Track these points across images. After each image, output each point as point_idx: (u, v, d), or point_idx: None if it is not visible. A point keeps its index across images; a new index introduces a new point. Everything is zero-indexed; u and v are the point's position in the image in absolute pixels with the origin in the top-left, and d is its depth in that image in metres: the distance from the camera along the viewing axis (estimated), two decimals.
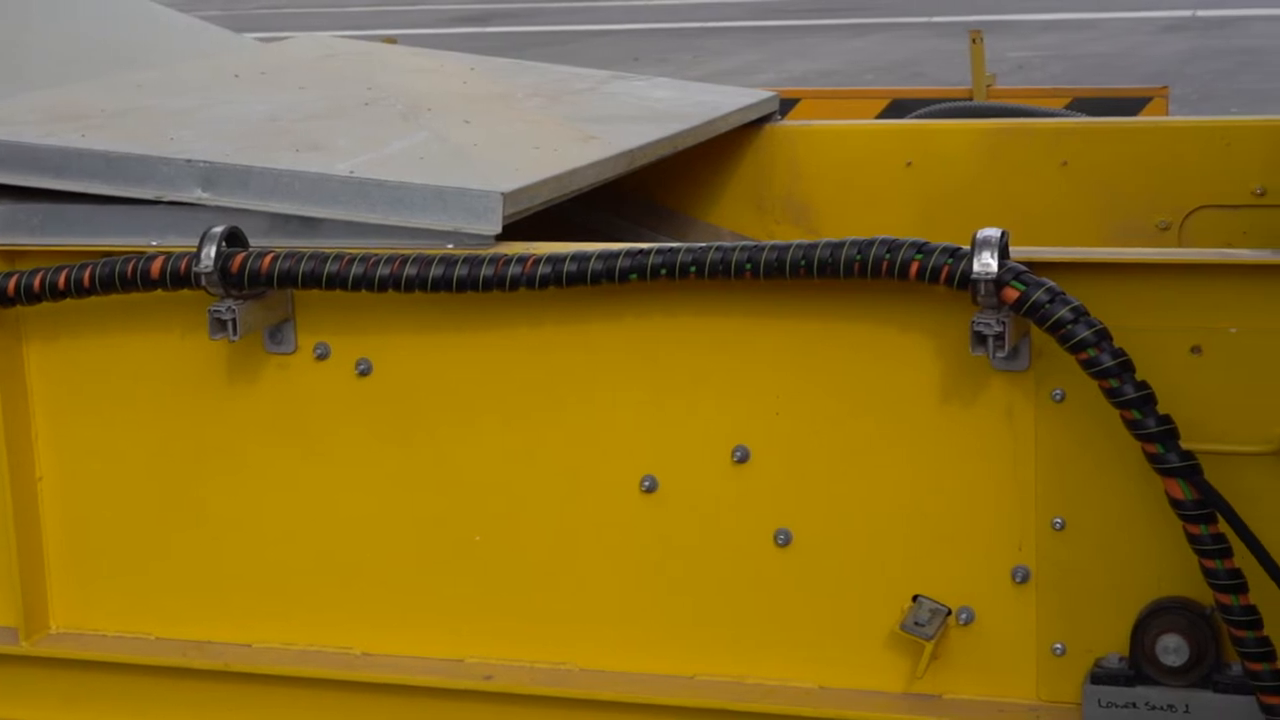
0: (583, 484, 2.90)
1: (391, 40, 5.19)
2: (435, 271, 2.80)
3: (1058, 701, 2.76)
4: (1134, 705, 2.68)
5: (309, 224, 2.96)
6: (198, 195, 3.01)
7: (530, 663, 2.98)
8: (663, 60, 16.14)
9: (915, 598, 2.77)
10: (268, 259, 2.85)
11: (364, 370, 2.96)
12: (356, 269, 2.83)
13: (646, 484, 2.87)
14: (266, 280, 2.86)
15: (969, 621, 2.77)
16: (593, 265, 2.76)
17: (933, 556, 2.77)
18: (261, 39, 4.82)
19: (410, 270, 2.81)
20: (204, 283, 2.86)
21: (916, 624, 2.76)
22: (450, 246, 2.87)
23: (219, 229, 2.87)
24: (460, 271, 2.79)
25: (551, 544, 2.93)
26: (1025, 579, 2.74)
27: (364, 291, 2.83)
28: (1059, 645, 2.74)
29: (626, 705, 2.90)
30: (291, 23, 20.03)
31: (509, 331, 2.89)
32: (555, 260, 2.77)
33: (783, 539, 2.83)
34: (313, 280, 2.84)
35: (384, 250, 2.85)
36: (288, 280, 2.85)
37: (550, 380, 2.89)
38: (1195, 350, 2.61)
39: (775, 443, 2.81)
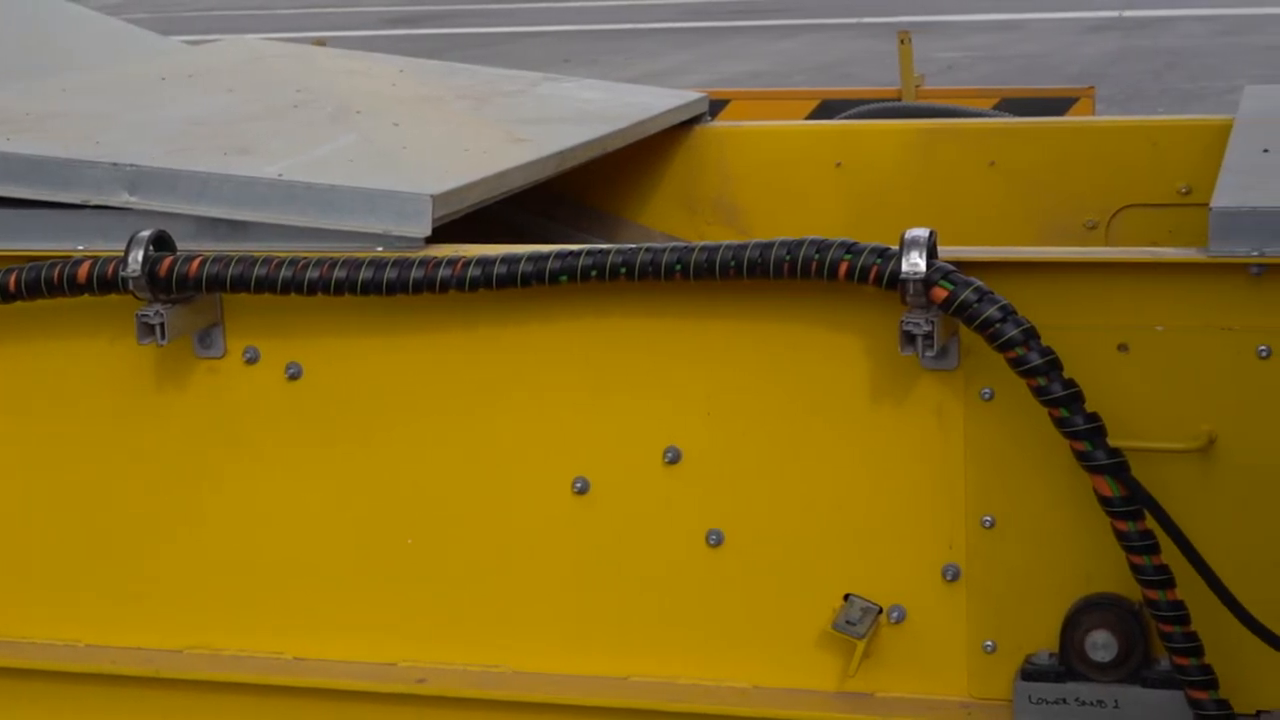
0: (515, 486, 2.90)
1: (320, 43, 5.17)
2: (365, 274, 2.79)
3: (989, 698, 2.77)
4: (1064, 701, 2.70)
5: (237, 227, 2.94)
6: (124, 199, 2.99)
7: (463, 666, 2.97)
8: (593, 62, 16.14)
9: (847, 596, 2.79)
10: (195, 263, 2.84)
11: (294, 374, 2.95)
12: (285, 272, 2.81)
13: (578, 485, 2.87)
14: (194, 284, 2.84)
15: (900, 620, 2.78)
16: (523, 267, 2.76)
17: (864, 555, 2.78)
18: (189, 42, 4.79)
19: (340, 273, 2.80)
20: (131, 287, 2.84)
21: (848, 623, 2.77)
22: (380, 249, 2.86)
23: (146, 233, 2.86)
24: (390, 274, 2.79)
25: (484, 546, 2.93)
26: (956, 577, 2.75)
27: (293, 295, 2.82)
28: (990, 642, 2.76)
29: (560, 707, 2.90)
30: (220, 25, 19.93)
31: (439, 334, 2.89)
32: (485, 262, 2.77)
33: (715, 539, 2.83)
34: (241, 284, 2.83)
35: (313, 253, 2.84)
36: (216, 284, 2.84)
37: (481, 382, 2.88)
38: (1122, 348, 2.63)
39: (707, 443, 2.81)
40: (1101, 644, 2.67)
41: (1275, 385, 2.57)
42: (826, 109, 7.00)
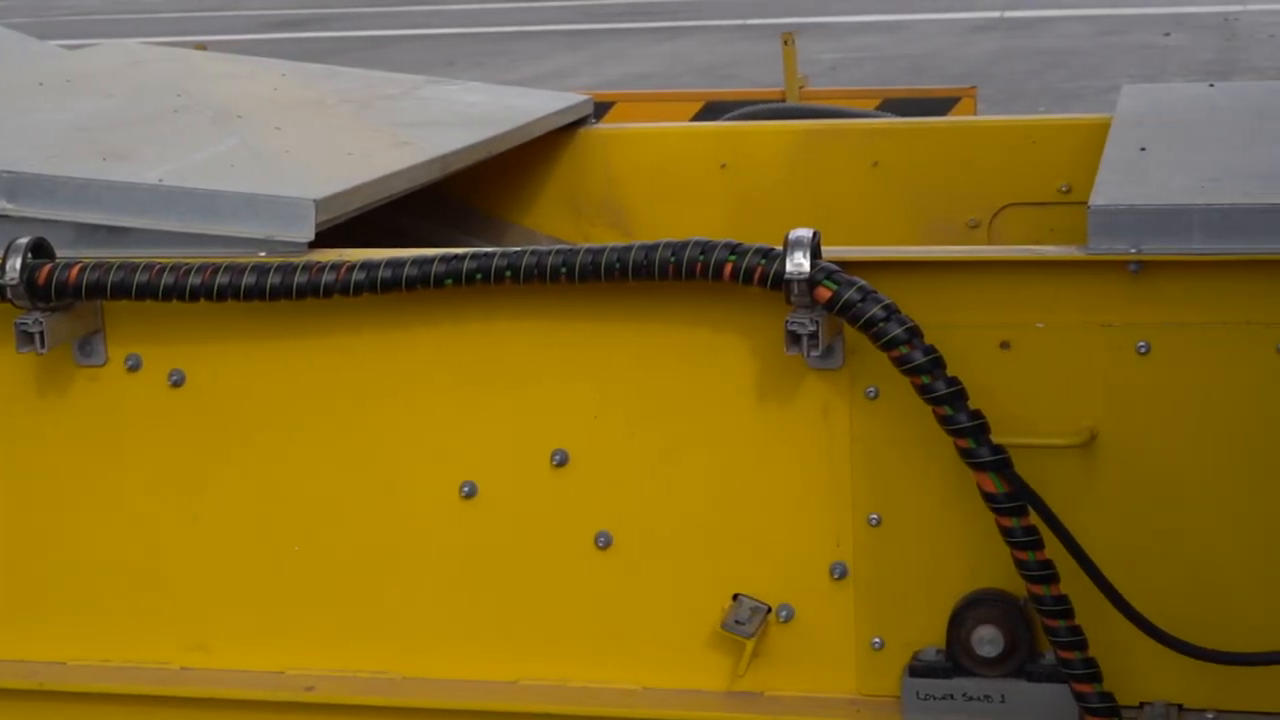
0: (402, 491, 2.88)
1: (202, 47, 5.12)
2: (248, 280, 2.77)
3: (877, 695, 2.79)
4: (951, 697, 2.72)
5: (118, 233, 2.91)
6: (1, 206, 2.95)
7: (353, 672, 2.96)
8: (478, 65, 16.10)
9: (735, 596, 2.79)
10: (75, 270, 2.81)
11: (177, 381, 2.92)
12: (167, 278, 2.79)
13: (466, 490, 2.86)
14: (74, 292, 2.81)
15: (789, 619, 2.80)
16: (407, 271, 2.75)
17: (752, 555, 2.79)
18: (67, 46, 4.73)
19: (222, 279, 2.77)
20: (9, 295, 2.80)
21: (737, 622, 2.77)
22: (263, 254, 2.84)
23: (24, 240, 2.82)
24: (273, 280, 2.77)
25: (372, 552, 2.91)
26: (843, 575, 2.77)
27: (175, 301, 2.80)
28: (877, 639, 2.77)
29: (449, 712, 2.89)
30: (99, 29, 19.72)
31: (324, 339, 2.87)
32: (369, 267, 2.75)
33: (603, 541, 2.83)
34: (122, 290, 2.80)
35: (195, 259, 2.82)
36: (96, 291, 2.81)
37: (367, 387, 2.87)
38: (1004, 346, 2.65)
39: (594, 446, 2.81)
40: (987, 639, 2.70)
41: (1155, 381, 2.61)
42: (711, 110, 7.02)
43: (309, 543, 2.93)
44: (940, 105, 7.15)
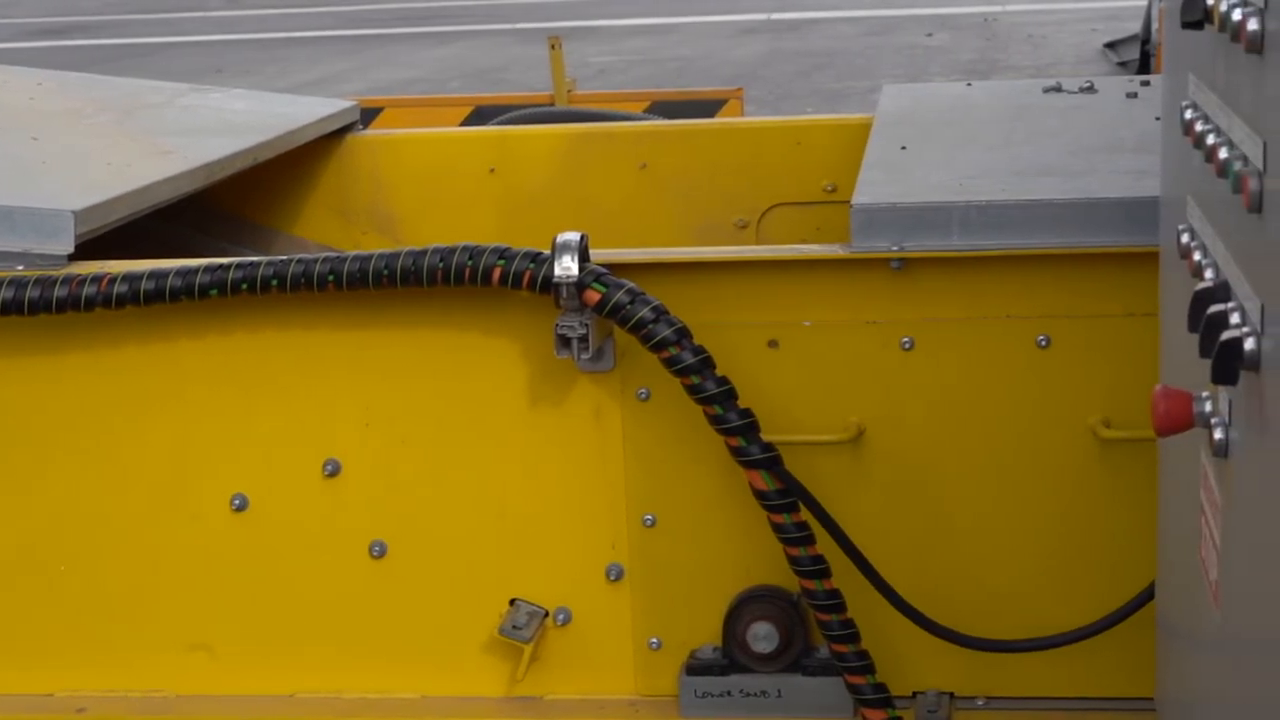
0: (171, 506, 2.84)
1: None
2: (5, 294, 2.71)
3: (656, 695, 2.80)
4: (729, 694, 2.74)
5: None
6: None
7: (124, 692, 2.90)
8: (247, 72, 15.89)
9: (513, 601, 2.79)
10: None
11: None
12: None
13: (237, 502, 2.82)
14: None
15: (566, 622, 2.80)
16: (171, 282, 2.70)
17: (528, 559, 2.79)
18: None
19: None
20: None
21: (514, 627, 2.77)
22: (21, 268, 2.78)
23: None
24: (32, 294, 2.71)
25: (141, 569, 2.86)
26: (619, 576, 2.78)
27: None
28: (655, 639, 2.79)
29: None
30: None
31: (87, 353, 2.81)
32: (132, 279, 2.70)
33: (378, 550, 2.81)
34: None
35: None
36: None
37: (132, 402, 2.82)
38: (772, 344, 2.68)
39: (366, 454, 2.79)
40: (763, 635, 2.72)
41: (918, 376, 2.65)
42: (480, 115, 7.01)
43: (76, 561, 2.87)
44: (708, 107, 7.21)
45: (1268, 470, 1.58)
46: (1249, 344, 1.60)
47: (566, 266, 2.58)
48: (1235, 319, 1.65)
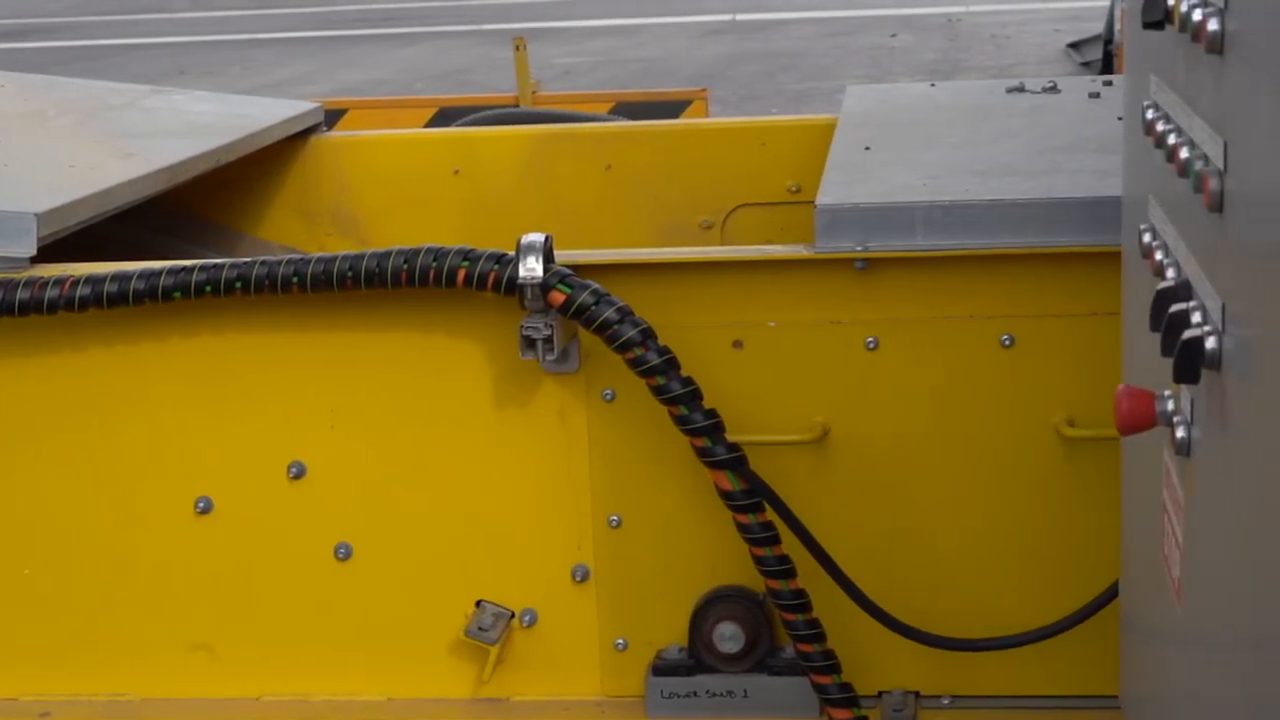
0: (135, 509, 2.83)
1: None
2: None
3: (622, 696, 2.81)
4: (695, 694, 2.75)
5: None
6: None
7: (89, 696, 2.89)
8: (211, 73, 15.85)
9: (478, 603, 2.79)
10: None
11: None
12: None
13: (201, 505, 2.81)
14: None
15: (532, 623, 2.80)
16: (134, 285, 2.70)
17: (494, 561, 2.79)
18: None
19: None
20: None
21: (480, 629, 2.77)
22: None
23: None
24: None
25: (105, 572, 2.85)
26: (585, 577, 2.78)
27: None
28: (621, 640, 2.79)
29: None
30: None
31: (50, 356, 2.80)
32: (95, 281, 2.70)
33: (343, 553, 2.81)
34: None
35: None
36: None
37: (96, 405, 2.81)
38: (737, 345, 2.68)
39: (331, 457, 2.79)
40: (729, 636, 2.73)
41: (883, 375, 2.66)
42: (445, 117, 7.00)
43: (41, 564, 2.86)
44: (672, 108, 7.21)
45: (1229, 468, 1.59)
46: (1210, 343, 1.61)
47: (531, 268, 2.58)
48: (1197, 318, 1.66)
